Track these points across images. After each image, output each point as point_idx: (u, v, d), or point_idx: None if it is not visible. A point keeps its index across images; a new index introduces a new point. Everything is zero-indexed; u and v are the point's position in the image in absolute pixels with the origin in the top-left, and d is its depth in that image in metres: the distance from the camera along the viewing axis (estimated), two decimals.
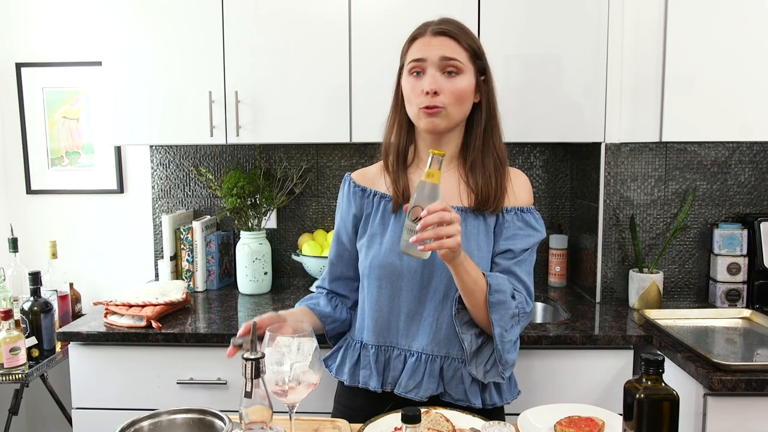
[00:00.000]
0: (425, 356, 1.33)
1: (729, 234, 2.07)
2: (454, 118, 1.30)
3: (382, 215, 1.38)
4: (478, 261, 1.29)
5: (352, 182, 1.43)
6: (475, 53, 1.31)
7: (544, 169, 2.43)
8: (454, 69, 1.28)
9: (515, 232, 1.34)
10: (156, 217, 2.50)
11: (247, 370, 0.96)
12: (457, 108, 1.29)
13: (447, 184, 1.35)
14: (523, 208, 1.36)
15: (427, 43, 1.29)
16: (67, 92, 2.48)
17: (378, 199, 1.39)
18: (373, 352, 1.37)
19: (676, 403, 0.93)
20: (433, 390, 1.33)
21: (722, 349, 1.70)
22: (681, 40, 1.86)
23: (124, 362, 1.85)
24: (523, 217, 1.35)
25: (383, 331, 1.36)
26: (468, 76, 1.29)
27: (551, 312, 2.20)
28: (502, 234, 1.34)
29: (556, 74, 2.00)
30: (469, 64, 1.30)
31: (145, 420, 1.06)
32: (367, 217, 1.40)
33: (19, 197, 2.55)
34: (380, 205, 1.39)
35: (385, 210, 1.38)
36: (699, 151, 2.11)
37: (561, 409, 1.21)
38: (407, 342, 1.34)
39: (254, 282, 2.28)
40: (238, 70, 2.06)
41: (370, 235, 1.37)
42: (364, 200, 1.41)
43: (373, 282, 1.36)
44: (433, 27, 1.30)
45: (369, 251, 1.36)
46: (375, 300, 1.36)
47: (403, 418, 0.96)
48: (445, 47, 1.28)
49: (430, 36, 1.29)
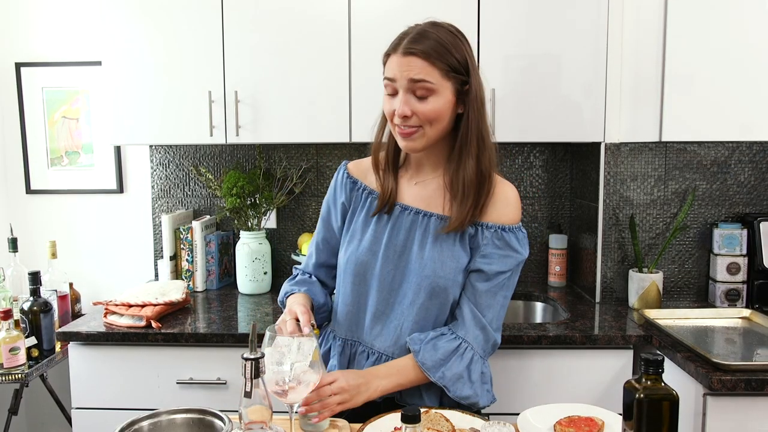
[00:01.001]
0: (385, 357, 1.34)
1: (729, 234, 2.07)
2: (431, 137, 1.26)
3: (366, 213, 1.38)
4: (453, 272, 1.29)
5: (346, 172, 1.43)
6: (451, 68, 1.23)
7: (543, 169, 2.43)
8: (424, 90, 1.22)
9: (491, 251, 1.30)
10: (156, 217, 2.49)
11: (247, 370, 0.96)
12: (433, 128, 1.25)
13: (433, 191, 1.35)
14: (504, 226, 1.30)
15: (397, 63, 1.23)
16: (66, 92, 2.48)
17: (366, 195, 1.40)
18: (340, 344, 1.40)
19: (675, 403, 0.93)
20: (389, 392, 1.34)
21: (722, 348, 1.70)
22: (681, 40, 1.86)
23: (123, 362, 1.85)
24: (503, 236, 1.30)
25: (351, 326, 1.39)
26: (443, 94, 1.23)
27: (551, 312, 2.20)
28: (479, 251, 1.30)
29: (556, 74, 2.00)
30: (444, 81, 1.22)
31: (144, 420, 1.06)
32: (353, 211, 1.40)
33: (18, 197, 2.55)
34: (366, 201, 1.39)
35: (370, 208, 1.38)
36: (699, 150, 2.11)
37: (561, 409, 1.21)
38: (371, 340, 1.36)
39: (254, 282, 2.28)
40: (237, 69, 2.06)
41: (353, 231, 1.39)
42: (354, 193, 1.41)
43: (348, 277, 1.37)
44: (404, 45, 1.22)
45: (348, 247, 1.38)
46: (348, 294, 1.38)
47: (403, 417, 0.96)
48: (414, 69, 1.21)
49: (400, 55, 1.22)
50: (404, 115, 1.23)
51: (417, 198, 1.35)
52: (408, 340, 1.31)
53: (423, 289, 1.30)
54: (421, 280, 1.30)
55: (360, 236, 1.37)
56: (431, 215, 1.33)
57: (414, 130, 1.25)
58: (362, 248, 1.35)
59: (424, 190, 1.36)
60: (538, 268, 2.46)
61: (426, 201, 1.35)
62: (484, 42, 1.99)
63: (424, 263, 1.30)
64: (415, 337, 1.31)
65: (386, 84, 1.26)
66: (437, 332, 1.31)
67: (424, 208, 1.34)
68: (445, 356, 1.28)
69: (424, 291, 1.30)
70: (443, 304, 1.32)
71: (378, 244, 1.34)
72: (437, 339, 1.30)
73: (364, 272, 1.35)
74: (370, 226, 1.36)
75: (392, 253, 1.33)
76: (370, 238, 1.35)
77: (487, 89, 1.98)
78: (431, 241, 1.31)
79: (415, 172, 1.38)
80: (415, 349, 1.29)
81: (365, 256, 1.34)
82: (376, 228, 1.36)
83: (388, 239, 1.34)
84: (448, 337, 1.30)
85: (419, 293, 1.31)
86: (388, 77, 1.25)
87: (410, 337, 1.31)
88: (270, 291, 2.33)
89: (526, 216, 2.44)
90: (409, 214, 1.34)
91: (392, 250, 1.33)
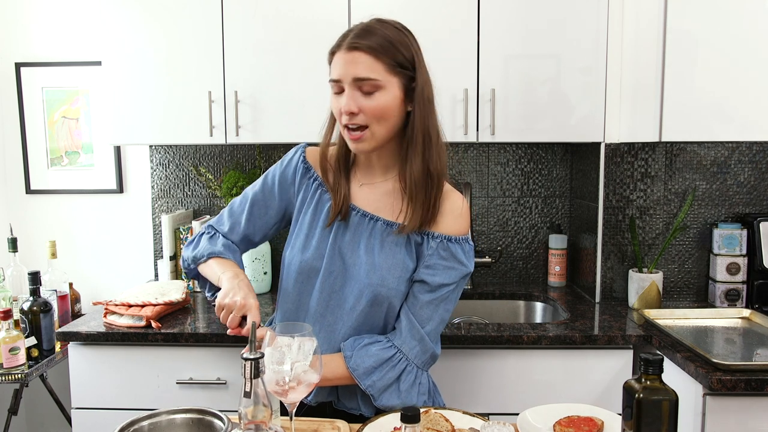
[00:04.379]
0: None
1: (728, 234, 2.07)
2: (379, 137, 1.23)
3: (314, 210, 1.34)
4: (398, 281, 1.26)
5: (303, 158, 1.37)
6: (398, 63, 1.21)
7: (544, 168, 2.43)
8: (370, 87, 1.19)
9: (436, 262, 1.27)
10: (156, 217, 2.49)
11: (247, 370, 0.95)
12: (380, 126, 1.22)
13: (383, 195, 1.32)
14: (451, 237, 1.27)
15: (342, 59, 1.21)
16: (66, 92, 2.48)
17: (316, 186, 1.35)
18: None
19: (675, 403, 0.93)
20: (325, 396, 1.33)
21: (722, 348, 1.70)
22: (681, 40, 1.86)
23: (123, 362, 1.85)
24: (448, 246, 1.27)
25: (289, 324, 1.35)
26: (389, 90, 1.20)
27: (551, 312, 2.20)
28: (423, 261, 1.27)
29: (556, 74, 2.00)
30: (390, 77, 1.20)
31: (144, 420, 1.06)
32: (301, 203, 1.36)
33: (18, 197, 2.55)
34: (316, 194, 1.34)
35: (319, 202, 1.34)
36: (699, 151, 2.11)
37: (560, 409, 1.21)
38: None
39: (254, 282, 2.28)
40: (237, 69, 2.06)
41: (299, 228, 1.34)
42: (305, 180, 1.36)
43: (291, 275, 1.33)
44: (348, 40, 1.21)
45: (294, 246, 1.33)
46: (289, 292, 1.34)
47: (403, 417, 0.96)
48: (359, 65, 1.19)
49: (345, 51, 1.21)
50: (350, 112, 1.20)
51: (365, 201, 1.32)
52: (342, 345, 1.28)
53: (365, 296, 1.27)
54: (364, 287, 1.26)
55: (307, 236, 1.32)
56: (378, 219, 1.30)
57: (362, 133, 1.22)
58: (311, 250, 1.31)
59: (373, 194, 1.32)
60: (538, 268, 2.46)
61: (374, 204, 1.31)
62: (484, 42, 1.99)
63: (370, 269, 1.26)
64: (349, 343, 1.28)
65: (332, 84, 1.24)
66: (372, 338, 1.29)
67: (371, 211, 1.30)
68: (378, 364, 1.26)
69: (365, 298, 1.27)
70: (385, 313, 1.29)
71: (324, 244, 1.31)
72: (371, 345, 1.28)
73: (308, 273, 1.31)
74: (317, 229, 1.32)
75: (336, 255, 1.30)
76: (318, 243, 1.31)
77: (488, 89, 2.00)
78: (378, 246, 1.28)
79: (364, 174, 1.34)
80: (347, 355, 1.26)
81: (310, 255, 1.30)
82: (323, 227, 1.32)
83: (333, 239, 1.30)
84: (383, 345, 1.28)
85: (360, 299, 1.27)
86: (333, 78, 1.23)
87: (344, 343, 1.28)
88: (270, 291, 2.33)
89: (526, 216, 2.44)
90: (356, 215, 1.31)
91: (337, 252, 1.30)
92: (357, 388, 1.30)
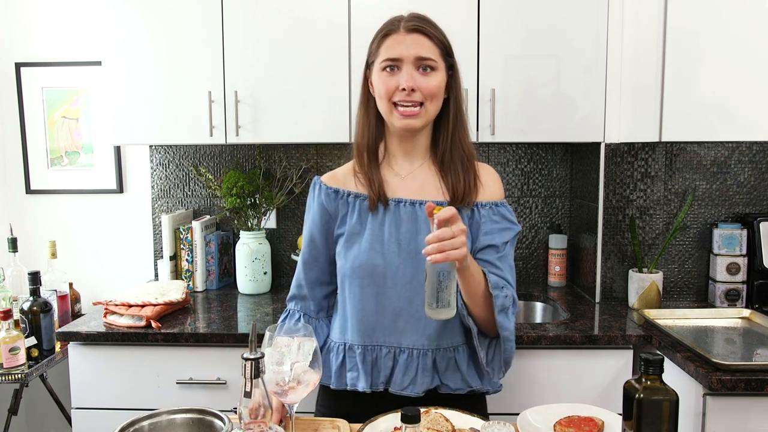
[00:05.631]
0: (417, 351, 1.32)
1: (728, 234, 2.07)
2: (429, 115, 1.30)
3: (359, 214, 1.36)
4: None
5: (323, 185, 1.39)
6: (446, 50, 1.31)
7: (544, 168, 2.43)
8: (428, 67, 1.27)
9: (492, 226, 1.33)
10: (155, 217, 2.50)
11: (247, 370, 0.95)
12: (432, 105, 1.29)
13: (424, 180, 1.35)
14: (496, 202, 1.36)
15: (400, 40, 1.27)
16: (66, 92, 2.48)
17: (353, 198, 1.37)
18: (360, 353, 1.35)
19: (675, 403, 0.93)
20: (429, 384, 1.33)
21: (722, 348, 1.70)
22: (681, 40, 1.86)
23: (123, 362, 1.85)
24: (498, 211, 1.35)
25: (369, 331, 1.34)
26: (441, 73, 1.29)
27: (551, 312, 2.20)
28: (481, 230, 1.33)
29: (556, 74, 2.00)
30: (441, 61, 1.29)
31: (144, 420, 1.06)
32: (342, 218, 1.37)
33: (18, 197, 2.55)
34: (356, 204, 1.36)
35: (361, 209, 1.36)
36: (699, 151, 2.11)
37: (560, 409, 1.21)
38: (396, 339, 1.33)
39: (254, 282, 2.28)
40: (237, 69, 2.06)
41: (349, 235, 1.35)
42: (338, 201, 1.38)
43: (355, 282, 1.34)
44: (405, 23, 1.29)
45: (349, 252, 1.35)
46: (358, 300, 1.34)
47: (403, 417, 0.96)
48: (420, 45, 1.27)
49: (404, 33, 1.28)
50: (410, 88, 1.25)
51: (410, 190, 1.35)
52: None
53: None
54: None
55: (359, 239, 1.34)
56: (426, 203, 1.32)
57: (417, 110, 1.27)
58: (364, 249, 1.32)
59: (415, 182, 1.36)
60: (538, 268, 2.46)
61: (419, 191, 1.35)
62: (484, 42, 1.99)
63: None
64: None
65: (386, 64, 1.28)
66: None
67: (419, 197, 1.34)
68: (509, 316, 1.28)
69: None
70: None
71: (379, 242, 1.32)
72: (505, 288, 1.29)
73: (371, 272, 1.32)
74: (366, 226, 1.34)
75: (398, 248, 1.31)
76: (369, 237, 1.33)
77: (488, 89, 2.00)
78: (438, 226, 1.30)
79: (401, 165, 1.37)
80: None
81: (370, 256, 1.32)
82: (373, 227, 1.33)
83: (389, 235, 1.32)
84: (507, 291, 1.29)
85: None
86: (390, 57, 1.28)
87: None
88: (270, 291, 2.33)
89: (526, 216, 2.44)
90: (405, 206, 1.33)
91: (397, 245, 1.32)
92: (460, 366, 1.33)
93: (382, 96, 1.30)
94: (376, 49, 1.32)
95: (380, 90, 1.30)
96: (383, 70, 1.29)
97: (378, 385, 1.34)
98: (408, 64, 1.27)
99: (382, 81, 1.29)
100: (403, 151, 1.37)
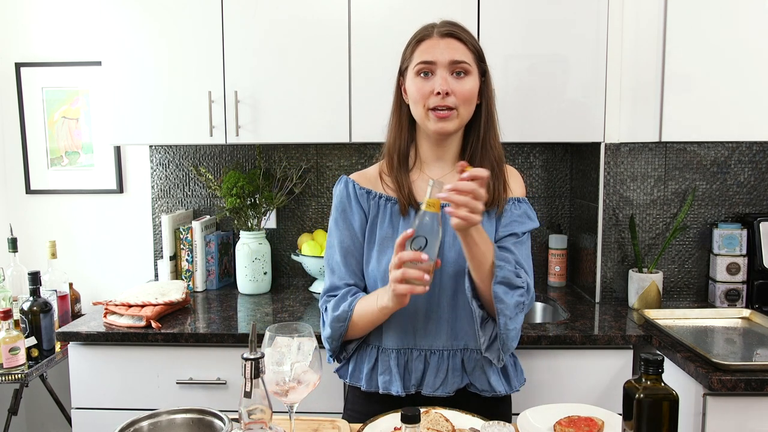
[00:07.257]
0: (447, 352, 1.34)
1: (728, 234, 2.07)
2: (463, 119, 1.31)
3: (390, 218, 1.36)
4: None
5: (356, 184, 1.39)
6: (479, 55, 1.33)
7: (543, 168, 2.43)
8: (462, 71, 1.29)
9: (514, 219, 1.37)
10: (155, 217, 2.50)
11: (247, 370, 0.96)
12: (465, 109, 1.30)
13: None
14: (519, 198, 1.40)
15: (434, 45, 1.29)
16: (66, 92, 2.48)
17: (384, 201, 1.37)
18: (394, 357, 1.35)
19: (675, 403, 0.93)
20: (459, 383, 1.34)
21: (722, 349, 1.70)
22: (681, 40, 1.86)
23: (123, 362, 1.85)
24: (520, 206, 1.39)
25: (402, 334, 1.35)
26: (474, 77, 1.31)
27: (551, 312, 2.20)
28: (501, 222, 1.36)
29: (556, 74, 2.00)
30: (474, 66, 1.31)
31: (144, 420, 1.06)
32: (373, 220, 1.37)
33: (18, 197, 2.55)
34: (387, 207, 1.36)
35: (392, 213, 1.36)
36: (698, 151, 2.11)
37: (560, 409, 1.21)
38: (427, 342, 1.34)
39: (254, 282, 2.28)
40: (237, 69, 2.06)
41: (381, 239, 1.35)
42: (370, 202, 1.38)
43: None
44: (439, 29, 1.31)
45: (383, 256, 1.33)
46: None
47: (403, 418, 0.96)
48: (454, 49, 1.28)
49: (438, 38, 1.30)
50: (445, 92, 1.26)
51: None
52: None
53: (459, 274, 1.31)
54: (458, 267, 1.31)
55: (391, 243, 1.32)
56: None
57: (450, 112, 1.28)
58: None
59: None
60: (537, 268, 2.45)
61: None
62: (484, 42, 1.98)
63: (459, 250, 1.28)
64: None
65: (421, 68, 1.29)
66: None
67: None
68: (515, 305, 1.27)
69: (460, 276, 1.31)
70: None
71: None
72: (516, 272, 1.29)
73: None
74: (398, 231, 1.33)
75: None
76: None
77: None
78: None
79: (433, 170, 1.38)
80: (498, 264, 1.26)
81: None
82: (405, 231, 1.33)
83: None
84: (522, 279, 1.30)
85: (459, 281, 1.31)
86: (424, 60, 1.28)
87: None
88: (270, 291, 2.33)
89: None
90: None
91: None
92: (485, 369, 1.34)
93: (416, 101, 1.30)
94: (410, 54, 1.33)
95: (414, 95, 1.30)
96: (417, 75, 1.30)
97: (410, 388, 1.35)
98: (442, 68, 1.28)
99: (416, 86, 1.30)
100: (434, 156, 1.38)
